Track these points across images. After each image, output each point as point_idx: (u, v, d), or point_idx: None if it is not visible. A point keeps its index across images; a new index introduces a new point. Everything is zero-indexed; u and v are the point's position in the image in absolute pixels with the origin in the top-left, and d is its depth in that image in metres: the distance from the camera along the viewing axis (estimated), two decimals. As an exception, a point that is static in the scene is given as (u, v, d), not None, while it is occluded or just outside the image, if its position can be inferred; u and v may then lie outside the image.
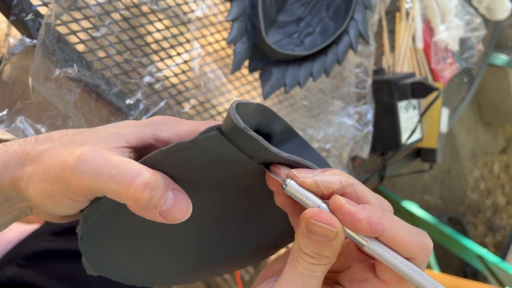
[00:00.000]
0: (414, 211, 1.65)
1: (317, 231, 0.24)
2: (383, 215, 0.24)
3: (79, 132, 0.29)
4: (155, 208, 0.25)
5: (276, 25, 0.64)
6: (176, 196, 0.25)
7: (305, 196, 0.25)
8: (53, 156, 0.26)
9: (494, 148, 2.67)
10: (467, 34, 0.96)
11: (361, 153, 0.73)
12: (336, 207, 0.24)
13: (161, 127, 0.30)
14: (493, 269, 1.40)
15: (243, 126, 0.23)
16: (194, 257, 0.35)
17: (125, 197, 0.25)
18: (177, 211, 0.25)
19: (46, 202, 0.27)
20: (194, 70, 0.58)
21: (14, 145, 0.28)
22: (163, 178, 0.25)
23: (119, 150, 0.28)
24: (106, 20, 0.52)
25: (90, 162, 0.25)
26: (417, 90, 0.74)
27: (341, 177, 0.25)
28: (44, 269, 0.60)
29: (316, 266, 0.25)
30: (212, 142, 0.25)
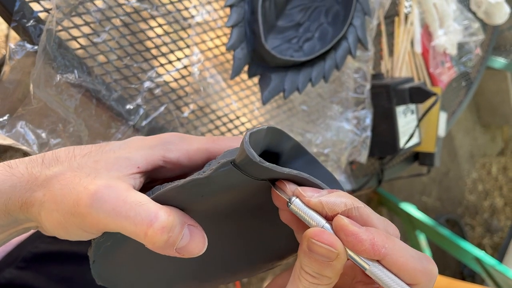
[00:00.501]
0: (412, 212, 1.65)
1: (318, 251, 0.24)
2: (386, 238, 0.24)
3: (87, 153, 0.29)
4: (172, 247, 0.25)
5: (275, 30, 0.64)
6: (192, 232, 0.26)
7: (309, 215, 0.25)
8: (65, 186, 0.26)
9: (492, 150, 2.68)
10: (465, 38, 0.97)
11: (359, 158, 0.73)
12: (339, 227, 0.24)
13: (169, 147, 0.30)
14: (491, 271, 1.41)
15: (258, 160, 0.23)
16: (202, 272, 0.35)
17: (143, 239, 0.25)
18: (194, 247, 0.26)
19: (58, 231, 0.27)
20: (194, 75, 0.58)
21: (20, 167, 0.28)
22: (179, 217, 0.25)
23: (131, 177, 0.28)
24: (106, 25, 0.53)
25: (106, 201, 0.25)
26: (415, 95, 0.75)
27: (346, 200, 0.25)
28: (43, 271, 0.60)
29: (317, 286, 0.25)
30: (226, 176, 0.25)
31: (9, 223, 0.29)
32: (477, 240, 2.46)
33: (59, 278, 0.61)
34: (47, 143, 0.49)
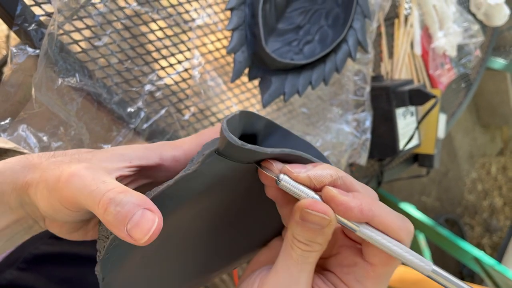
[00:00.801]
0: (412, 212, 1.65)
1: (312, 220, 0.26)
2: (372, 202, 0.27)
3: (89, 151, 0.31)
4: (121, 225, 0.25)
5: (276, 33, 0.64)
6: (144, 215, 0.25)
7: (299, 189, 0.26)
8: (56, 168, 0.28)
9: (492, 150, 2.68)
10: (465, 40, 0.97)
11: (359, 160, 0.73)
12: (329, 198, 0.26)
13: (164, 147, 0.32)
14: (490, 271, 1.41)
15: (240, 143, 0.24)
16: (198, 264, 0.36)
17: (96, 211, 0.26)
18: (140, 231, 0.25)
19: (48, 209, 0.28)
20: (195, 78, 0.59)
21: (34, 156, 0.30)
22: (134, 197, 0.26)
23: (121, 169, 0.29)
24: (107, 29, 0.53)
25: (80, 178, 0.26)
26: (414, 97, 0.75)
27: (331, 171, 0.27)
28: (44, 272, 0.60)
29: (310, 253, 0.27)
30: (214, 165, 0.26)
31: (18, 206, 0.30)
32: (476, 239, 2.47)
33: (60, 280, 0.61)
34: (48, 147, 0.50)
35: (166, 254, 0.33)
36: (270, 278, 0.28)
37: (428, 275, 0.27)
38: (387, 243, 0.26)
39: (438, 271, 0.26)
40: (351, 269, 0.29)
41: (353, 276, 0.28)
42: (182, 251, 0.33)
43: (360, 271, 0.28)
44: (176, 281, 0.36)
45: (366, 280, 0.28)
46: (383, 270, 0.28)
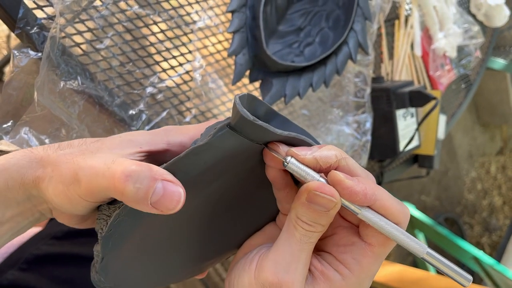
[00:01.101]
0: (411, 212, 1.66)
1: (319, 202, 0.27)
2: (375, 186, 0.28)
3: (96, 140, 0.31)
4: (145, 200, 0.26)
5: (276, 35, 0.65)
6: (166, 186, 0.26)
7: (305, 171, 0.27)
8: (69, 161, 0.28)
9: (491, 149, 2.69)
10: (465, 41, 0.97)
11: (359, 162, 0.74)
12: (336, 182, 0.27)
13: (171, 133, 0.32)
14: (489, 270, 1.42)
15: (252, 118, 0.25)
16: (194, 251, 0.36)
17: (114, 191, 0.26)
18: (168, 201, 0.26)
19: (64, 203, 0.29)
20: (196, 81, 0.59)
21: (39, 149, 0.31)
22: (150, 170, 0.26)
23: (132, 155, 0.30)
24: (109, 31, 0.53)
25: (92, 167, 0.27)
26: (415, 99, 0.75)
27: (336, 152, 0.28)
28: (45, 273, 0.61)
29: (312, 233, 0.28)
30: (225, 138, 0.27)
31: (25, 200, 0.31)
32: (475, 239, 2.47)
33: (62, 280, 0.61)
34: (50, 149, 0.50)
35: (165, 236, 0.33)
36: (270, 255, 0.29)
37: (422, 257, 0.28)
38: (386, 226, 0.27)
39: (432, 254, 0.28)
40: (348, 248, 0.30)
41: (350, 254, 0.29)
42: (181, 233, 0.34)
43: (357, 250, 0.29)
44: (172, 268, 0.36)
45: (363, 258, 0.29)
46: (380, 250, 0.29)
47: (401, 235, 0.27)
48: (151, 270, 0.35)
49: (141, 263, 0.34)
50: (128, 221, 0.29)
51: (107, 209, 0.29)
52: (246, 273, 0.30)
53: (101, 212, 0.30)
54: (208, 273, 1.30)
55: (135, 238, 0.31)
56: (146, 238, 0.31)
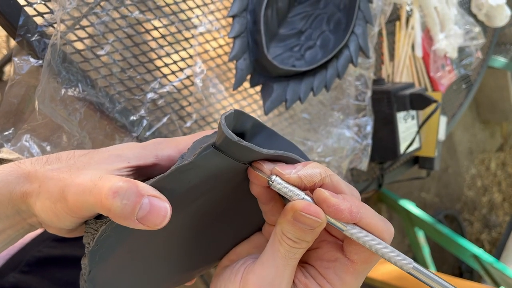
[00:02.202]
0: (411, 210, 1.66)
1: (304, 221, 0.27)
2: (360, 204, 0.28)
3: (84, 153, 0.31)
4: (131, 216, 0.26)
5: (277, 38, 0.64)
6: (152, 202, 0.26)
7: (290, 190, 0.27)
8: (56, 178, 0.28)
9: (491, 146, 2.69)
10: (466, 42, 0.97)
11: (360, 165, 0.74)
12: (321, 200, 0.27)
13: (160, 146, 0.32)
14: (488, 268, 1.42)
15: (236, 139, 0.25)
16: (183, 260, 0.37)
17: (101, 208, 0.26)
18: (155, 217, 0.26)
19: (52, 219, 0.29)
20: (197, 86, 0.59)
21: (26, 163, 0.31)
22: (136, 186, 0.26)
23: (120, 171, 0.30)
24: (110, 38, 0.53)
25: (81, 184, 0.27)
26: (415, 101, 0.75)
27: (320, 170, 0.28)
28: (47, 275, 0.61)
29: (297, 249, 0.28)
30: (209, 158, 0.27)
31: (14, 214, 0.31)
32: (475, 235, 2.48)
33: (63, 282, 0.61)
34: (52, 156, 0.50)
35: (152, 248, 0.33)
36: (255, 269, 0.29)
37: (409, 272, 0.28)
38: (372, 242, 0.28)
39: (418, 268, 0.28)
40: (331, 264, 0.30)
41: (332, 270, 0.30)
42: (168, 246, 0.34)
43: (340, 267, 0.29)
44: (160, 277, 0.37)
45: (345, 275, 0.29)
46: (362, 267, 0.29)
47: (387, 251, 0.28)
48: (138, 280, 0.35)
49: (129, 274, 0.34)
50: (114, 236, 0.29)
51: (94, 224, 0.30)
52: (231, 284, 0.31)
53: (89, 226, 0.30)
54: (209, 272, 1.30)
55: (122, 251, 0.31)
56: (133, 251, 0.32)
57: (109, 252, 0.30)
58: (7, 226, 0.31)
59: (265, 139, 0.32)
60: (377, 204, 1.97)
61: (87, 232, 0.30)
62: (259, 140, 0.32)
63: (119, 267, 0.32)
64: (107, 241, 0.29)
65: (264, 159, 0.28)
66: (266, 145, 0.31)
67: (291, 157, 0.29)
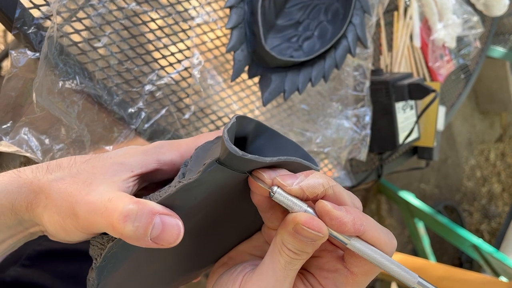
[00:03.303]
0: (411, 201, 1.67)
1: (306, 235, 0.27)
2: (363, 216, 0.27)
3: (86, 160, 0.31)
4: (145, 237, 0.26)
5: (275, 29, 0.64)
6: (164, 221, 0.27)
7: (292, 202, 0.27)
8: (63, 191, 0.28)
9: (491, 137, 2.69)
10: (464, 32, 0.97)
11: (359, 156, 0.74)
12: (324, 213, 0.27)
13: (161, 151, 0.32)
14: (488, 258, 1.43)
15: (241, 154, 0.25)
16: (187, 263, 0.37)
17: (113, 231, 0.26)
18: (168, 236, 0.27)
19: (59, 232, 0.29)
20: (195, 77, 0.59)
21: (27, 172, 0.30)
22: (146, 207, 0.26)
23: (126, 181, 0.29)
24: (107, 30, 0.53)
25: (91, 202, 0.27)
26: (414, 91, 0.75)
27: (323, 180, 0.27)
28: (48, 268, 0.61)
29: (297, 260, 0.28)
30: (214, 174, 0.27)
31: (16, 224, 0.30)
32: (475, 226, 2.48)
33: (64, 275, 0.61)
34: (50, 149, 0.50)
35: (157, 256, 0.33)
36: (254, 279, 0.29)
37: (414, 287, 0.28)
38: (377, 257, 0.27)
39: (423, 283, 0.28)
40: (331, 274, 0.30)
41: (332, 281, 0.29)
42: (173, 252, 0.34)
43: (340, 278, 0.29)
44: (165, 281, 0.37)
45: (344, 287, 0.29)
46: (362, 279, 0.29)
47: (392, 266, 0.27)
48: (144, 285, 0.36)
49: (135, 281, 0.34)
50: (121, 252, 0.29)
51: (101, 239, 0.30)
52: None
53: (95, 239, 0.30)
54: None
55: (128, 262, 0.31)
56: (139, 261, 0.32)
57: (116, 266, 0.30)
58: (7, 236, 0.31)
59: (267, 140, 0.32)
60: (376, 195, 1.97)
61: (93, 245, 0.30)
62: (262, 142, 0.32)
63: (125, 277, 0.33)
64: (114, 257, 0.29)
65: (266, 167, 0.28)
66: (268, 146, 0.31)
67: (294, 161, 0.29)
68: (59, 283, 0.60)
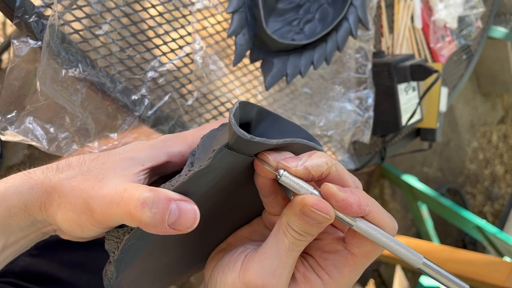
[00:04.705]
0: (414, 184, 1.67)
1: (313, 216, 0.27)
2: (368, 197, 0.28)
3: (95, 158, 0.31)
4: (162, 223, 0.26)
5: (276, 13, 0.64)
6: (180, 206, 0.27)
7: (299, 184, 0.27)
8: (76, 188, 0.29)
9: (493, 118, 2.69)
10: (465, 12, 0.96)
11: (362, 138, 0.74)
12: (329, 195, 0.27)
13: (169, 143, 0.32)
14: (492, 239, 1.44)
15: (249, 137, 0.26)
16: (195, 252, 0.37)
17: (131, 220, 0.27)
18: (185, 221, 0.27)
19: (74, 229, 0.29)
20: (197, 63, 0.59)
21: (37, 172, 0.31)
22: (162, 193, 0.27)
23: (137, 175, 0.30)
24: (107, 17, 0.53)
25: (105, 196, 0.27)
26: (416, 72, 0.75)
27: (326, 159, 0.28)
28: (56, 258, 0.62)
29: (302, 242, 0.29)
30: (224, 159, 0.27)
31: (29, 225, 0.31)
32: (478, 208, 2.49)
33: (72, 264, 0.62)
34: (55, 138, 0.50)
35: (170, 248, 0.34)
36: (257, 258, 0.29)
37: (419, 268, 0.28)
38: (382, 237, 0.28)
39: (428, 264, 0.28)
40: (331, 255, 0.30)
41: (331, 262, 0.30)
42: (184, 241, 0.34)
43: (340, 259, 0.30)
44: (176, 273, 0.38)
45: (344, 268, 0.29)
46: (362, 260, 0.29)
47: (397, 246, 0.28)
48: (158, 275, 0.36)
49: (150, 273, 0.35)
50: (138, 244, 0.30)
51: (116, 232, 0.30)
52: (230, 272, 0.31)
53: (110, 233, 0.31)
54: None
55: (143, 256, 0.32)
56: (153, 253, 0.32)
57: (133, 258, 0.31)
58: (20, 237, 0.31)
59: (270, 124, 0.32)
60: (379, 180, 1.98)
61: (109, 240, 0.31)
62: (265, 126, 0.32)
63: (141, 270, 0.33)
64: (132, 248, 0.30)
65: (271, 149, 0.29)
66: (272, 130, 0.32)
67: (299, 142, 0.29)
68: (67, 272, 0.61)
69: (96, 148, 0.53)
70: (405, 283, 1.61)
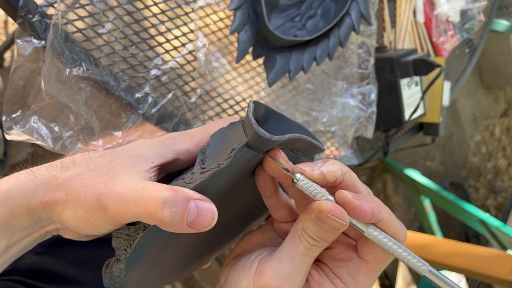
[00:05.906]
0: (417, 178, 1.67)
1: (329, 222, 0.28)
2: (381, 204, 0.29)
3: (101, 155, 0.31)
4: (181, 222, 0.27)
5: (278, 9, 0.64)
6: (199, 205, 0.27)
7: (315, 189, 0.28)
8: (86, 185, 0.28)
9: (495, 111, 2.68)
10: (468, 5, 0.96)
11: (366, 133, 0.74)
12: (345, 202, 0.28)
13: (176, 141, 0.32)
14: (495, 232, 1.44)
15: (269, 136, 0.26)
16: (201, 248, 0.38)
17: (150, 218, 0.27)
18: (203, 219, 0.27)
19: (84, 226, 0.29)
20: (199, 60, 0.59)
21: (42, 171, 0.30)
22: (181, 192, 0.27)
23: (148, 172, 0.30)
24: (110, 15, 0.53)
25: (120, 193, 0.27)
26: (419, 67, 0.75)
27: (340, 166, 0.29)
28: (62, 255, 0.62)
29: (317, 247, 0.29)
30: (242, 157, 0.28)
31: (32, 224, 0.31)
32: (481, 201, 2.49)
33: (78, 261, 0.63)
34: (60, 137, 0.50)
35: (179, 243, 0.34)
36: (272, 262, 0.30)
37: (424, 276, 0.29)
38: (392, 245, 0.28)
39: (434, 272, 0.29)
40: (345, 263, 0.31)
41: (346, 269, 0.30)
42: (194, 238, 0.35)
43: (354, 266, 0.30)
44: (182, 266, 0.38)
45: (358, 275, 0.30)
46: (375, 267, 0.30)
47: (405, 254, 0.29)
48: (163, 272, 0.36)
49: (156, 268, 0.35)
50: (151, 241, 0.30)
51: (127, 230, 0.30)
52: (245, 275, 0.31)
53: (119, 231, 0.31)
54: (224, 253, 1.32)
55: (153, 252, 0.32)
56: (163, 249, 0.33)
57: (144, 254, 0.31)
58: (23, 236, 0.31)
59: (275, 123, 0.33)
60: (382, 174, 1.98)
61: (118, 237, 0.31)
62: (270, 125, 0.33)
63: (148, 264, 0.33)
64: (144, 246, 0.30)
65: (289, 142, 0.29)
66: (277, 128, 0.32)
67: (306, 138, 0.30)
68: (73, 269, 0.62)
69: (100, 146, 0.53)
70: (409, 277, 1.61)
